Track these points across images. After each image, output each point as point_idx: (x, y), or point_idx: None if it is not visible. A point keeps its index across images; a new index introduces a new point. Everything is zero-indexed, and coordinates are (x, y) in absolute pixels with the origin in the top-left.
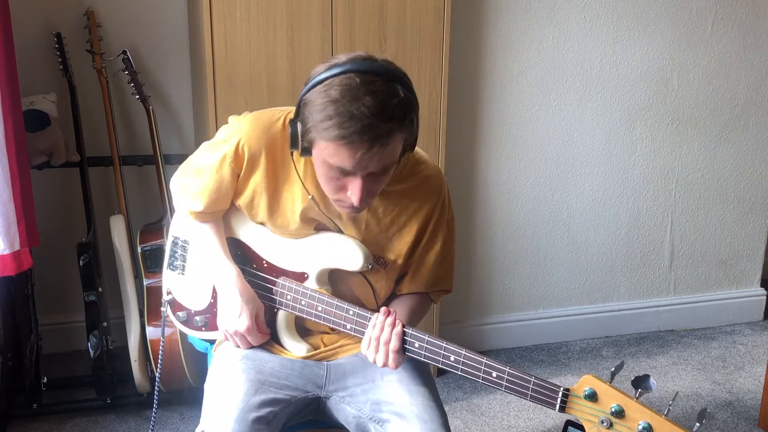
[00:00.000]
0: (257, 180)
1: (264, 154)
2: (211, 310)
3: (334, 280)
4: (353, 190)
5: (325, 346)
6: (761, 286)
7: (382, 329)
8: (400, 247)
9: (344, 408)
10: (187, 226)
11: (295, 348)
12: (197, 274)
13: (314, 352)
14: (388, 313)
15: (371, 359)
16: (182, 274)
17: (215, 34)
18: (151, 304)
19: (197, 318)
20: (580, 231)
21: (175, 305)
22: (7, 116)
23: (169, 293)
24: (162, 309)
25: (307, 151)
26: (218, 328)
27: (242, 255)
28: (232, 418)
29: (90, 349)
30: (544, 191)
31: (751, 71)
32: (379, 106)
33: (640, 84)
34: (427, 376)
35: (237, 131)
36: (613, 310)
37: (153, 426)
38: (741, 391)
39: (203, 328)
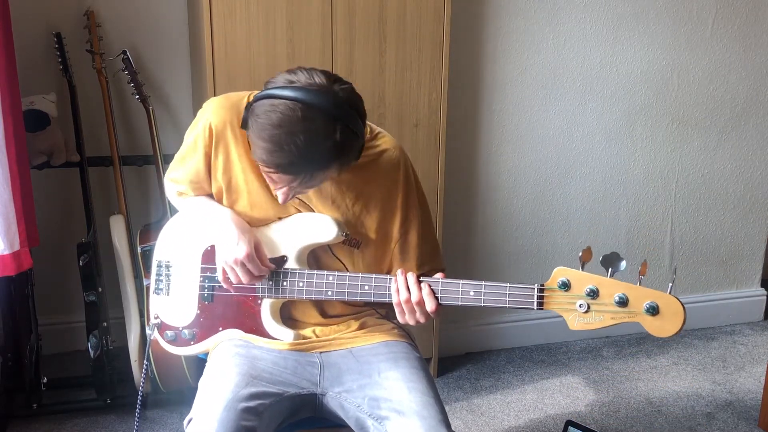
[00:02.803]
0: (229, 157)
1: (230, 129)
2: (198, 321)
3: (314, 264)
4: (278, 194)
5: (318, 337)
6: (761, 286)
7: (407, 289)
8: (369, 224)
9: (342, 404)
10: (168, 247)
11: (283, 334)
12: (181, 290)
13: (304, 340)
14: (405, 275)
15: (411, 322)
16: (167, 295)
17: (215, 34)
18: None
19: (185, 331)
20: (580, 231)
21: (162, 327)
22: (7, 116)
23: (156, 317)
24: (148, 332)
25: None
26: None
27: None
28: (220, 406)
29: (90, 349)
30: (544, 191)
31: (751, 71)
32: (309, 147)
33: (640, 84)
34: (426, 374)
35: (205, 111)
36: None
37: (137, 427)
38: (741, 391)
39: (192, 342)
